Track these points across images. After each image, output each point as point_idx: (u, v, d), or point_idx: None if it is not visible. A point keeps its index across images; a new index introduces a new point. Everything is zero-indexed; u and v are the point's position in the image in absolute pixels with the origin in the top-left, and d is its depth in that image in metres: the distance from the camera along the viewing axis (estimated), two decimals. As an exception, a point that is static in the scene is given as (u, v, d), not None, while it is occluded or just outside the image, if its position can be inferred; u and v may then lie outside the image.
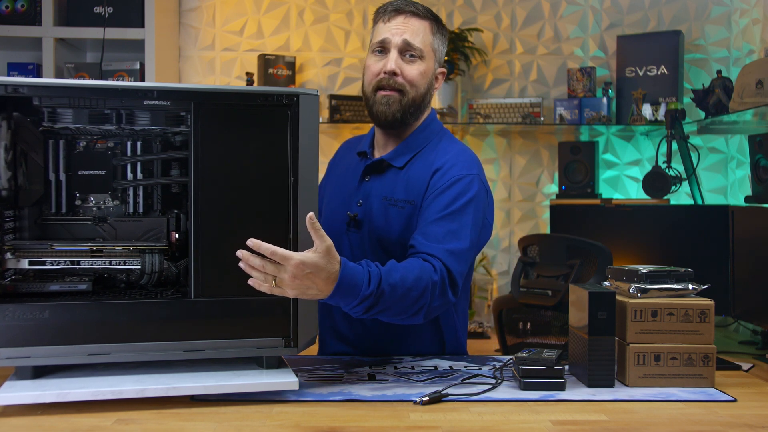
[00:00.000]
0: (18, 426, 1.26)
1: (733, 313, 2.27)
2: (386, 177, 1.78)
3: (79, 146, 1.56)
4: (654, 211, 2.71)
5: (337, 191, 1.85)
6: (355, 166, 1.85)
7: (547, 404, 1.42)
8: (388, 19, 1.74)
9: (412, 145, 1.79)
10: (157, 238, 1.56)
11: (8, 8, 3.12)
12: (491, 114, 3.41)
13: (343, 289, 1.42)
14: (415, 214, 1.71)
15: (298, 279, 1.37)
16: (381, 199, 1.75)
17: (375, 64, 1.75)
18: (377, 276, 1.46)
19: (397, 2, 1.76)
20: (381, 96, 1.73)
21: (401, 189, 1.74)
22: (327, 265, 1.39)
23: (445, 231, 1.62)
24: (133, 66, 3.20)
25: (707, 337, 1.55)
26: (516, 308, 2.53)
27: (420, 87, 1.74)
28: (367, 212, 1.76)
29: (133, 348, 1.39)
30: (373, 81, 1.75)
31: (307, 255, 1.37)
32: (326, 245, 1.38)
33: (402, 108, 1.73)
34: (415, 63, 1.73)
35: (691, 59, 3.52)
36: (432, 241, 1.60)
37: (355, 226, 1.77)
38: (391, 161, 1.78)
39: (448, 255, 1.59)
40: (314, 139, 1.45)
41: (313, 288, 1.39)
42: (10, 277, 1.48)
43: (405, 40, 1.71)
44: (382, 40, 1.73)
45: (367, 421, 1.31)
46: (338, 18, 3.56)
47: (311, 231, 1.38)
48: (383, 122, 1.75)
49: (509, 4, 3.57)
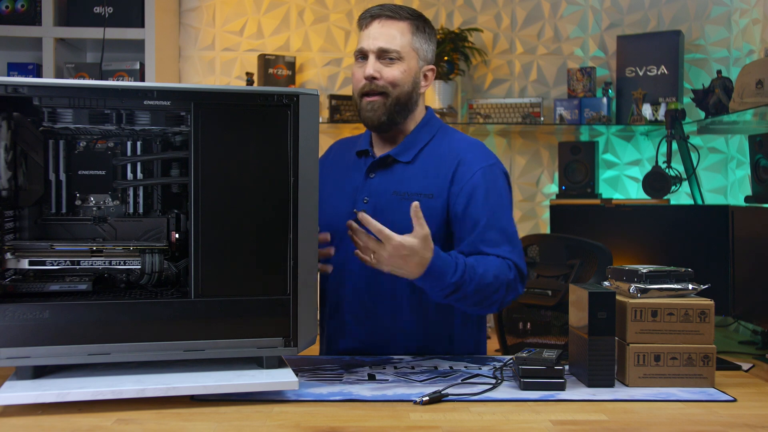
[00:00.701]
0: (18, 426, 1.26)
1: (733, 313, 2.27)
2: (394, 172, 1.82)
3: (79, 146, 1.56)
4: (654, 211, 2.71)
5: (337, 189, 1.87)
6: (355, 165, 1.88)
7: (547, 404, 1.42)
8: (365, 26, 1.81)
9: (417, 140, 1.84)
10: (157, 238, 1.56)
11: (8, 8, 3.12)
12: (491, 114, 3.41)
13: (432, 276, 1.57)
14: (437, 207, 1.76)
15: (394, 258, 1.53)
16: (391, 193, 1.79)
17: (358, 71, 1.81)
18: (463, 268, 1.60)
19: (375, 8, 1.81)
20: (366, 102, 1.79)
21: (415, 182, 1.79)
22: (421, 250, 1.53)
23: (499, 231, 1.73)
24: (133, 66, 3.20)
25: (707, 337, 1.55)
26: (516, 308, 2.53)
27: (403, 86, 1.78)
28: (377, 208, 1.79)
29: (133, 348, 1.38)
30: (358, 87, 1.81)
31: (407, 238, 1.52)
32: (425, 233, 1.53)
33: (387, 110, 1.78)
34: (394, 64, 1.78)
35: (691, 59, 3.51)
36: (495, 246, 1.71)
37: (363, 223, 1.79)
38: (397, 156, 1.82)
39: (514, 253, 1.73)
40: (314, 139, 1.45)
41: (404, 268, 1.55)
42: (10, 277, 1.48)
43: (380, 47, 1.77)
44: (360, 49, 1.80)
45: (367, 421, 1.31)
46: (338, 18, 3.56)
47: (414, 218, 1.53)
48: (372, 127, 1.82)
49: (509, 4, 3.57)
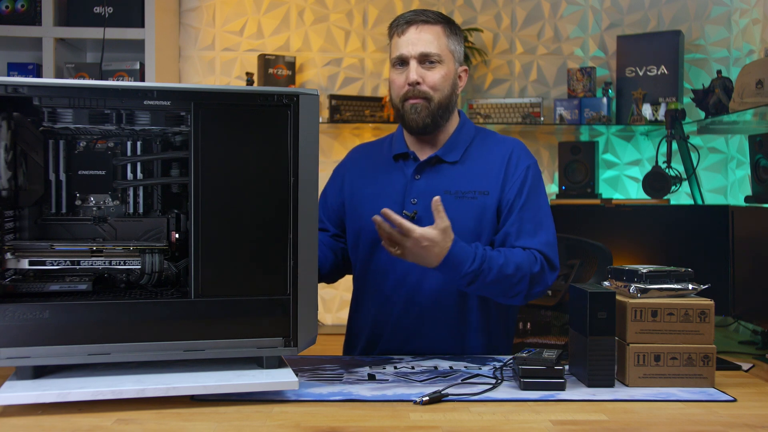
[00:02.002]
0: (18, 426, 1.26)
1: (733, 313, 2.27)
2: (442, 173, 1.85)
3: (79, 146, 1.56)
4: (654, 211, 2.71)
5: (378, 194, 1.86)
6: (393, 168, 1.89)
7: (547, 404, 1.42)
8: (401, 33, 1.81)
9: (460, 141, 1.88)
10: (157, 238, 1.56)
11: (8, 8, 3.12)
12: (491, 114, 3.41)
13: (449, 264, 1.64)
14: (492, 204, 1.82)
15: (416, 248, 1.61)
16: (442, 193, 1.80)
17: (398, 78, 1.82)
18: (481, 258, 1.67)
19: (408, 14, 1.82)
20: (410, 105, 1.81)
21: (466, 181, 1.83)
22: (441, 241, 1.61)
23: (536, 222, 1.81)
24: (133, 66, 3.20)
25: (707, 337, 1.55)
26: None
27: (444, 90, 1.82)
28: (428, 208, 1.78)
29: (133, 348, 1.38)
30: (400, 93, 1.82)
31: (427, 230, 1.61)
32: (445, 225, 1.61)
33: (431, 113, 1.81)
34: (435, 68, 1.80)
35: (691, 59, 3.52)
36: (528, 235, 1.79)
37: (417, 223, 1.79)
38: (444, 157, 1.85)
39: (546, 246, 1.79)
40: (314, 139, 1.45)
41: (427, 258, 1.63)
42: (10, 277, 1.48)
43: (421, 51, 1.79)
44: (400, 55, 1.81)
45: (367, 421, 1.31)
46: (338, 18, 3.56)
47: (435, 211, 1.61)
48: (416, 129, 1.83)
49: (509, 4, 3.57)
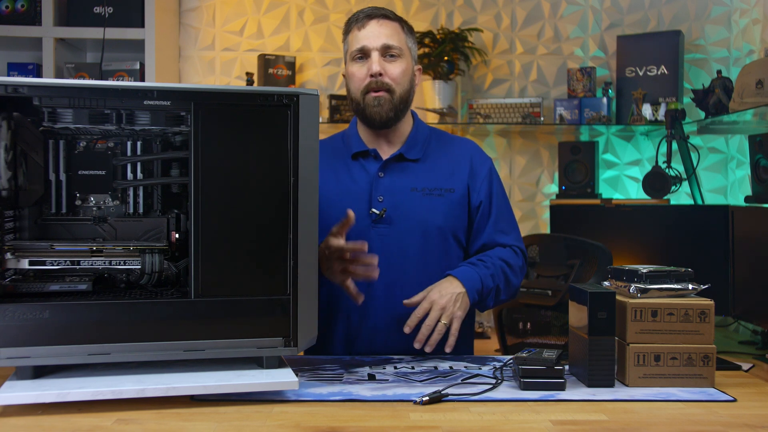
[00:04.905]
0: (18, 426, 1.26)
1: (733, 313, 2.27)
2: (406, 170, 1.85)
3: (79, 146, 1.56)
4: (654, 211, 2.71)
5: (341, 192, 1.84)
6: (354, 166, 1.86)
7: (547, 404, 1.42)
8: (362, 26, 1.81)
9: (419, 139, 1.89)
10: (157, 238, 1.56)
11: (8, 8, 3.12)
12: (491, 114, 3.41)
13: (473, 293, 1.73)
14: (458, 201, 1.85)
15: (451, 305, 1.69)
16: (409, 190, 1.81)
17: (359, 70, 1.81)
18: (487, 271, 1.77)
19: (367, 9, 1.84)
20: (372, 98, 1.79)
21: (430, 179, 1.84)
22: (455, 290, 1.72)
23: (508, 220, 1.90)
24: (133, 66, 3.20)
25: (707, 337, 1.55)
26: (516, 308, 2.53)
27: (404, 84, 1.82)
28: (397, 205, 1.81)
29: (133, 348, 1.38)
30: (361, 86, 1.81)
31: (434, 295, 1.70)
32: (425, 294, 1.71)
33: (393, 106, 1.81)
34: (396, 61, 1.81)
35: (691, 59, 3.51)
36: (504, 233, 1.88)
37: (385, 221, 1.81)
38: (406, 155, 1.86)
39: (519, 240, 1.91)
40: (314, 139, 1.45)
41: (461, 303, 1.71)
42: (10, 277, 1.48)
43: (384, 43, 1.79)
44: (361, 47, 1.80)
45: (367, 421, 1.31)
46: (338, 18, 3.56)
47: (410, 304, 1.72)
48: (378, 123, 1.82)
49: (509, 4, 3.57)
